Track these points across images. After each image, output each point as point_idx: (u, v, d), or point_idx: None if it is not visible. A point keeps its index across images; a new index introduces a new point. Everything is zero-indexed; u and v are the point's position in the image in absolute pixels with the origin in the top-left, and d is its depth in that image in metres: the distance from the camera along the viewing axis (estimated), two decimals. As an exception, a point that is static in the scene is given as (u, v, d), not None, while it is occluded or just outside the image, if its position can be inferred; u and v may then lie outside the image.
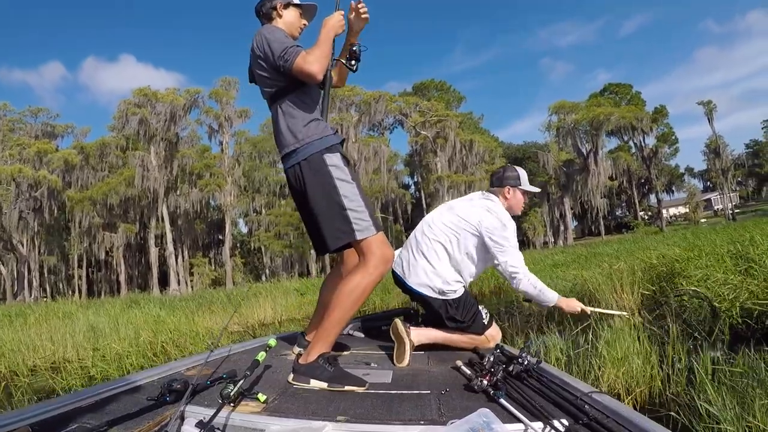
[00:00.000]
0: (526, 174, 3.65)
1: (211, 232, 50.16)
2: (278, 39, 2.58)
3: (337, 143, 2.65)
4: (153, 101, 39.87)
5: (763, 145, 70.56)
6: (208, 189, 41.63)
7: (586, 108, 48.39)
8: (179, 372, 2.80)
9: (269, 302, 14.93)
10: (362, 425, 1.92)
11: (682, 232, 22.78)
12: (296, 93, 2.66)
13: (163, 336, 8.54)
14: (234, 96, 43.77)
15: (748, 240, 8.89)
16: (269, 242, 42.65)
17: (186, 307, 14.78)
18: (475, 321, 3.38)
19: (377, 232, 2.52)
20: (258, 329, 9.33)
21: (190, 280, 43.37)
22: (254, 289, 20.98)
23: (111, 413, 2.05)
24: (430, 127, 44.95)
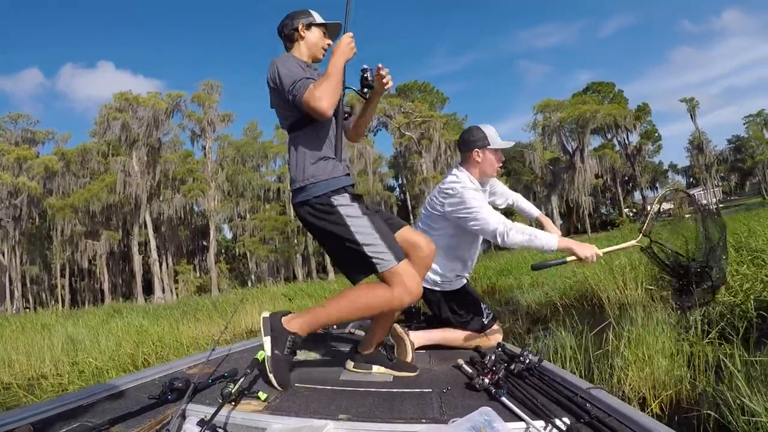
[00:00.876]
0: (494, 130, 3.43)
1: (196, 239, 49.85)
2: (289, 72, 2.49)
3: (347, 185, 2.56)
4: (134, 106, 39.55)
5: (745, 140, 71.14)
6: (192, 194, 41.32)
7: (572, 106, 48.63)
8: (181, 370, 2.83)
9: (256, 308, 14.35)
10: (364, 423, 1.92)
11: None
12: (310, 127, 2.58)
13: (146, 347, 8.28)
14: (216, 100, 43.71)
15: (746, 231, 8.85)
16: (254, 247, 42.45)
17: (170, 316, 14.53)
18: (475, 317, 3.36)
19: (399, 262, 2.41)
20: (246, 337, 8.82)
21: (175, 288, 43.00)
22: (240, 295, 21.07)
23: (112, 412, 2.07)
24: (414, 128, 44.86)
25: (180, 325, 11.51)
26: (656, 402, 3.46)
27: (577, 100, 51.48)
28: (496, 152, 3.38)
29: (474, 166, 3.37)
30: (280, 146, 45.56)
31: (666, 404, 3.47)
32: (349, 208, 2.47)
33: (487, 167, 3.38)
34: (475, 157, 3.34)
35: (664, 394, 3.50)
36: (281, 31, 2.82)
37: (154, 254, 40.15)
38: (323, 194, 2.47)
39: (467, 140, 3.40)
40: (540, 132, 50.14)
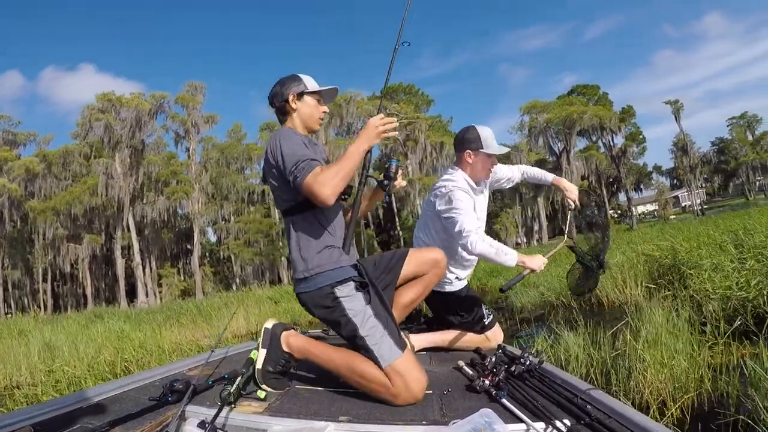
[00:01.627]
0: (490, 133, 3.34)
1: (179, 242, 49.42)
2: (292, 150, 2.32)
3: (353, 275, 2.43)
4: (117, 107, 39.30)
5: (729, 142, 72.14)
6: (175, 197, 41.03)
7: (559, 107, 48.79)
8: (181, 372, 2.85)
9: (242, 312, 14.45)
10: (364, 425, 1.92)
11: (660, 227, 23.00)
12: (312, 212, 2.43)
13: (126, 353, 8.04)
14: (200, 101, 43.44)
15: (741, 229, 8.89)
16: (239, 250, 42.25)
17: (153, 320, 14.43)
18: (476, 318, 3.34)
19: (401, 353, 2.26)
20: (231, 342, 8.32)
21: (158, 292, 42.65)
22: (225, 299, 20.89)
23: (113, 413, 2.08)
24: (400, 129, 44.68)
25: (163, 330, 11.33)
26: (677, 405, 3.37)
27: (564, 101, 51.74)
28: (489, 156, 3.32)
29: (466, 166, 3.32)
30: (263, 149, 45.48)
31: (687, 408, 3.39)
32: (352, 301, 2.37)
33: (478, 171, 3.34)
34: (467, 158, 3.30)
35: (685, 397, 3.42)
36: (272, 104, 2.69)
37: (138, 258, 39.84)
38: (327, 285, 2.38)
39: (461, 140, 3.36)
40: (526, 133, 50.38)
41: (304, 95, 2.64)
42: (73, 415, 2.08)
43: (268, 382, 2.40)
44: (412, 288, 2.87)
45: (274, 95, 2.66)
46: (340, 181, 2.22)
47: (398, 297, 2.88)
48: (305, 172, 2.21)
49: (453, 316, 3.34)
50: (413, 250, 2.86)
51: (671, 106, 57.84)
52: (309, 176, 2.20)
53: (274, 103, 2.67)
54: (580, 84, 59.42)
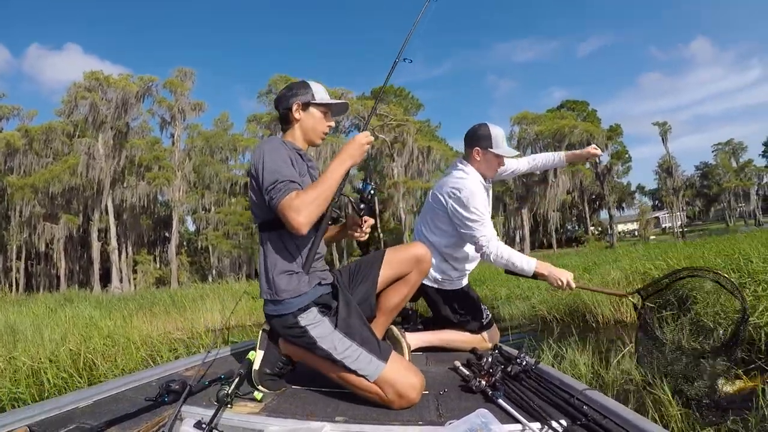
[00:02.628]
0: (502, 133, 3.39)
1: (158, 229, 49.13)
2: (273, 166, 2.24)
3: (315, 298, 2.37)
4: (105, 86, 38.95)
5: (713, 167, 74.03)
6: (157, 182, 40.92)
7: (550, 120, 49.53)
8: (177, 372, 2.86)
9: (217, 305, 14.01)
10: (361, 426, 1.96)
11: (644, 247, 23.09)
12: (284, 230, 2.30)
13: (93, 343, 7.55)
14: (189, 87, 43.31)
15: (737, 253, 8.80)
16: (217, 241, 42.20)
17: (124, 308, 14.08)
18: (474, 317, 3.39)
19: (385, 363, 2.22)
20: (204, 337, 8.31)
21: (133, 278, 42.48)
22: (201, 290, 20.14)
23: (109, 413, 2.09)
24: (388, 131, 45.03)
25: (134, 319, 11.12)
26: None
27: (555, 114, 52.60)
28: (497, 156, 3.38)
29: (473, 162, 3.39)
30: (250, 139, 45.31)
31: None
32: (317, 327, 2.31)
33: (485, 168, 3.41)
34: (475, 155, 3.37)
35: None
36: (277, 109, 2.60)
37: (114, 242, 39.58)
38: (290, 314, 2.32)
39: (472, 136, 3.41)
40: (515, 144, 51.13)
41: (310, 106, 2.54)
42: (70, 415, 2.12)
43: (265, 383, 2.44)
44: (396, 290, 2.81)
45: (279, 100, 2.57)
46: (317, 207, 2.16)
47: (383, 301, 2.85)
48: (281, 194, 2.15)
49: (452, 314, 3.39)
50: (391, 250, 2.80)
51: (659, 127, 59.34)
52: (285, 200, 2.13)
53: (278, 108, 2.58)
54: (570, 99, 60.35)
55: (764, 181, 74.97)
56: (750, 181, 69.74)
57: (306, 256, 2.38)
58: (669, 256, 11.11)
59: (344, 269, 2.77)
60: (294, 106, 2.51)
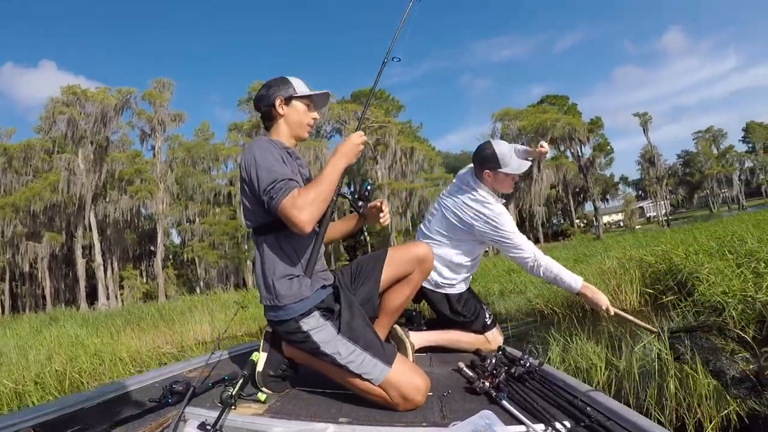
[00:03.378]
0: (508, 150, 3.41)
1: (143, 243, 48.93)
2: (268, 166, 2.21)
3: (317, 303, 2.36)
4: (82, 100, 38.89)
5: (694, 155, 75.63)
6: (139, 196, 40.80)
7: (532, 114, 50.01)
8: (181, 374, 2.90)
9: (206, 317, 14.01)
10: (365, 427, 1.97)
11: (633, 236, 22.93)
12: (281, 233, 2.32)
13: (80, 362, 7.47)
14: (168, 98, 43.35)
15: (729, 236, 9.09)
16: (203, 252, 42.12)
17: (111, 325, 14.03)
18: (477, 318, 3.44)
19: (390, 367, 2.23)
20: (195, 349, 8.22)
21: (120, 294, 42.27)
22: (189, 303, 19.99)
23: (113, 415, 2.12)
24: (370, 133, 45.07)
25: (122, 336, 11.09)
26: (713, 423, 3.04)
27: (537, 109, 53.26)
28: (508, 174, 3.41)
29: (486, 183, 3.43)
30: (232, 148, 45.33)
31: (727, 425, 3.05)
32: (320, 332, 2.30)
33: (500, 187, 3.47)
34: (486, 177, 3.42)
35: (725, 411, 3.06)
36: (258, 108, 2.58)
37: (99, 258, 39.33)
38: (291, 319, 2.31)
39: (479, 159, 3.45)
40: (497, 139, 51.65)
41: (292, 99, 2.54)
42: (74, 417, 2.15)
43: (268, 384, 2.46)
44: (399, 291, 2.81)
45: (260, 98, 2.56)
46: (320, 205, 2.16)
47: (385, 302, 2.84)
48: (282, 194, 2.12)
49: (455, 316, 3.43)
50: (393, 250, 2.80)
51: (639, 118, 60.45)
52: (286, 199, 2.11)
53: (259, 106, 2.57)
54: (550, 94, 61.32)
55: (746, 165, 76.74)
56: (732, 167, 71.16)
57: (306, 258, 2.34)
58: (661, 242, 11.42)
59: (345, 269, 2.76)
60: (277, 101, 2.50)
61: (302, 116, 2.55)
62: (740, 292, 5.08)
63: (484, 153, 3.41)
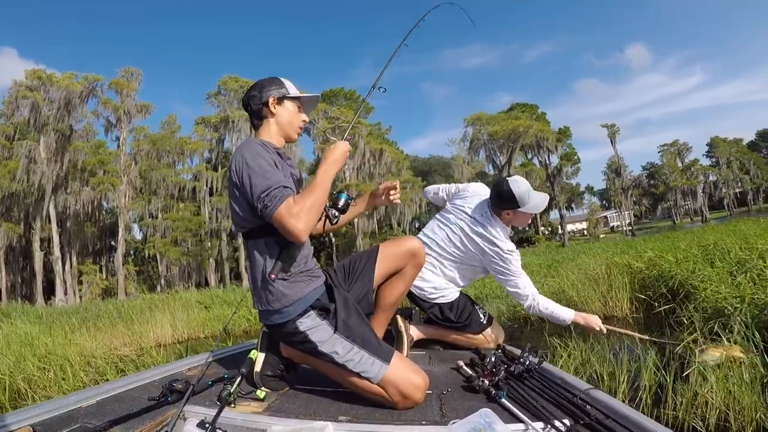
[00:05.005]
0: (526, 188, 3.52)
1: (103, 237, 48.11)
2: (261, 172, 2.23)
3: (312, 303, 2.40)
4: (47, 86, 38.33)
5: (659, 168, 78.98)
6: (101, 188, 40.33)
7: (505, 120, 51.08)
8: (180, 372, 2.92)
9: (167, 317, 13.80)
10: (364, 425, 2.00)
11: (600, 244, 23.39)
12: (272, 237, 2.35)
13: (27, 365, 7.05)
14: (135, 88, 42.99)
15: (712, 244, 9.28)
16: (165, 249, 41.88)
17: (67, 323, 13.54)
18: (471, 321, 3.53)
19: (388, 364, 2.28)
20: (155, 353, 7.51)
21: (78, 290, 41.50)
22: (149, 301, 19.69)
23: (112, 413, 2.14)
24: (339, 134, 44.84)
25: (78, 335, 10.61)
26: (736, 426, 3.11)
27: (510, 115, 54.40)
28: (525, 213, 3.58)
29: (504, 220, 3.59)
30: (198, 143, 45.26)
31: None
32: (317, 332, 2.35)
33: (517, 223, 3.69)
34: (505, 215, 3.57)
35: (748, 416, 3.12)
36: (248, 105, 2.60)
37: (57, 251, 38.70)
38: (287, 321, 2.35)
39: (499, 199, 3.55)
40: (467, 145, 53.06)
41: (284, 100, 2.59)
42: (73, 415, 2.16)
43: (267, 384, 2.49)
44: (393, 286, 2.87)
45: (251, 98, 2.58)
46: (315, 213, 2.19)
47: (380, 298, 2.91)
48: (277, 201, 2.14)
49: (447, 323, 3.53)
50: (385, 245, 2.85)
51: (608, 129, 63.02)
52: (282, 207, 2.13)
53: (250, 106, 2.59)
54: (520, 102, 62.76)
55: (710, 179, 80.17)
56: (696, 180, 74.43)
57: (298, 259, 2.38)
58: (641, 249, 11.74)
59: (338, 267, 2.82)
60: (270, 100, 2.54)
61: (293, 117, 2.61)
62: (749, 297, 4.99)
63: (503, 193, 3.49)
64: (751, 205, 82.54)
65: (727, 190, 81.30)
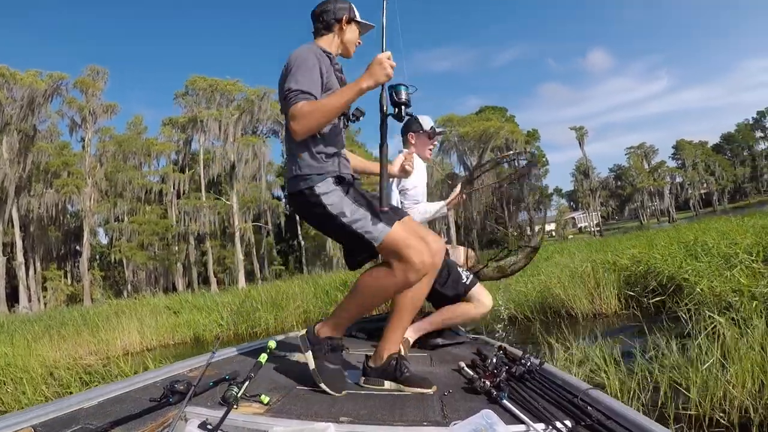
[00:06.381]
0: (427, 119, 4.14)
1: (68, 242, 47.62)
2: (297, 74, 2.51)
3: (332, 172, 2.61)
4: (10, 83, 37.94)
5: (626, 169, 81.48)
6: (66, 190, 40.15)
7: (477, 121, 52.28)
8: (182, 373, 2.95)
9: (135, 324, 13.50)
10: (365, 426, 2.03)
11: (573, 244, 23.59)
12: None
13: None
14: (101, 88, 43.10)
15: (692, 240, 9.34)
16: (132, 253, 41.75)
17: (29, 331, 13.42)
18: (450, 276, 3.62)
19: (391, 227, 2.45)
20: (122, 363, 6.95)
21: (43, 296, 41.18)
22: (116, 307, 18.33)
23: (114, 414, 2.15)
24: None
25: (40, 344, 10.44)
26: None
27: (480, 117, 55.55)
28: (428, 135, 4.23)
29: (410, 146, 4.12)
30: (165, 144, 45.36)
31: None
32: (331, 196, 2.54)
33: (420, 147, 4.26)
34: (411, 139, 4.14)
35: None
36: (320, 16, 2.80)
37: (21, 257, 38.16)
38: (308, 187, 2.55)
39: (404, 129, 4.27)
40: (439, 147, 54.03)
41: (352, 22, 2.83)
42: (74, 416, 2.18)
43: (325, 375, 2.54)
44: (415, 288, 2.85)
45: (324, 11, 2.79)
46: (317, 119, 2.42)
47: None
48: (290, 102, 2.43)
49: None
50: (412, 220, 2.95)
51: (576, 132, 65.05)
52: (290, 109, 2.42)
53: (322, 17, 2.78)
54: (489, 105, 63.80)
55: (676, 180, 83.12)
56: (663, 181, 77.09)
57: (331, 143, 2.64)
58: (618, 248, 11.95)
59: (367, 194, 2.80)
60: (344, 17, 2.78)
61: (354, 38, 2.86)
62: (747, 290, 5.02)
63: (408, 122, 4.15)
64: (716, 205, 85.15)
65: (693, 191, 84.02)
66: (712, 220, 17.62)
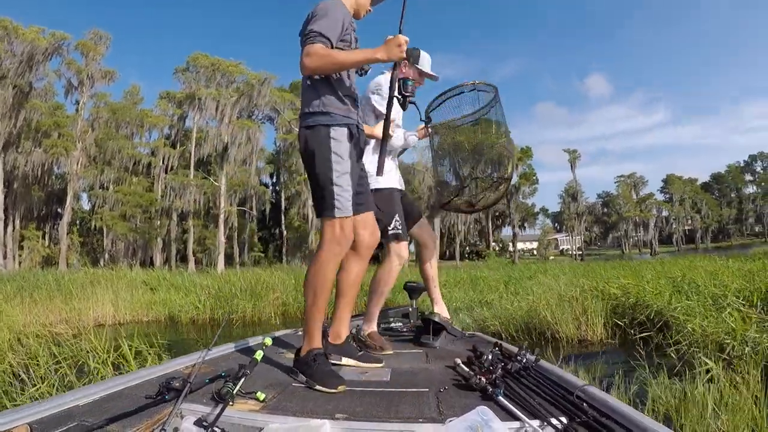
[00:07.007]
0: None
1: (50, 203, 47.47)
2: (321, 19, 2.71)
3: (350, 123, 2.83)
4: (12, 37, 37.57)
5: (614, 197, 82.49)
6: (54, 151, 39.92)
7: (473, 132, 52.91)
8: (178, 370, 2.95)
9: (110, 295, 13.36)
10: (361, 423, 2.05)
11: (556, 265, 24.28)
12: None
13: None
14: (102, 53, 42.65)
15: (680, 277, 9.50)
16: (113, 223, 41.67)
17: (1, 291, 13.46)
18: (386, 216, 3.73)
19: (351, 215, 2.75)
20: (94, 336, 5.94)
21: (18, 255, 40.99)
22: (92, 275, 18.75)
23: (109, 411, 2.16)
24: (291, 129, 45.69)
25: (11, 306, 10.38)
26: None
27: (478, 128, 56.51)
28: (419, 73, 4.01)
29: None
30: (159, 117, 45.28)
31: None
32: (340, 146, 2.73)
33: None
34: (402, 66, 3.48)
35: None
36: None
37: (1, 213, 37.65)
38: (325, 124, 2.74)
39: None
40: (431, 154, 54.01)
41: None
42: (70, 413, 2.18)
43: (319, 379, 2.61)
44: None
45: None
46: (326, 64, 2.65)
47: None
48: (308, 41, 2.63)
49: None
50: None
51: (569, 154, 65.74)
52: (307, 47, 2.62)
53: None
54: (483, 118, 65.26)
55: (662, 214, 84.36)
56: (650, 213, 78.13)
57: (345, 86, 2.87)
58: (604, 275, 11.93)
59: None
60: None
61: (367, 3, 3.07)
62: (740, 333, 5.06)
63: None
64: (699, 243, 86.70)
65: (678, 226, 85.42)
66: (696, 258, 18.23)
